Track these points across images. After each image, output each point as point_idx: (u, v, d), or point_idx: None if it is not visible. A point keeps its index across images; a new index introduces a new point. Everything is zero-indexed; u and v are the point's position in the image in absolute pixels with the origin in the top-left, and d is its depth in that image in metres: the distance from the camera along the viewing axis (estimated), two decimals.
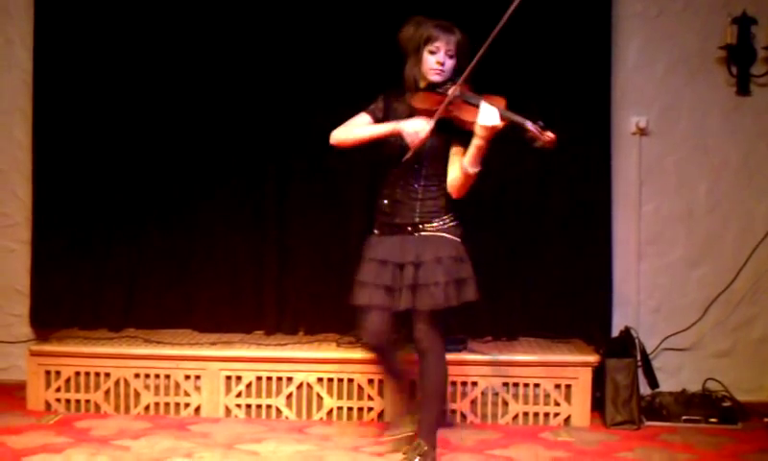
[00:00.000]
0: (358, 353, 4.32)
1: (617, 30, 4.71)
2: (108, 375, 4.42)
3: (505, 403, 4.27)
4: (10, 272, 5.03)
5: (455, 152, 3.56)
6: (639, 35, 4.76)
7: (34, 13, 4.85)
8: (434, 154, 3.57)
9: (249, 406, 4.36)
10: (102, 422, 4.24)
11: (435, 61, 3.56)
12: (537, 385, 4.27)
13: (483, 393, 4.28)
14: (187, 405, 4.39)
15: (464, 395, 4.28)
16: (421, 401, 3.66)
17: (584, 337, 4.59)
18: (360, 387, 4.31)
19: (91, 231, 4.79)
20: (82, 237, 4.78)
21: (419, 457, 3.54)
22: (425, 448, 3.57)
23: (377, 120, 3.68)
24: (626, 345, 4.42)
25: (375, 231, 3.70)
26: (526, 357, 4.32)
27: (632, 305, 4.74)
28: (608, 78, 4.68)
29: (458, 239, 3.59)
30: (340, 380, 4.33)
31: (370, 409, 4.30)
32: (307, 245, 4.73)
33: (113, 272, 4.78)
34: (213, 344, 4.52)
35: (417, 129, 3.48)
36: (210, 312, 4.74)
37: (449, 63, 3.58)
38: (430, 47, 3.57)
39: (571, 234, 4.65)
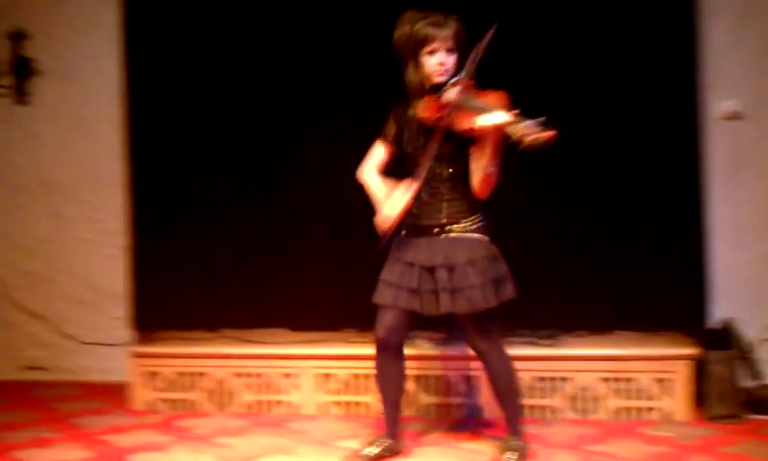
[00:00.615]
0: (452, 350, 4.32)
1: (704, 7, 4.50)
2: (207, 374, 4.53)
3: (602, 399, 4.21)
4: (110, 277, 5.21)
5: (473, 151, 3.43)
6: (729, 12, 4.53)
7: (123, 25, 5.00)
8: (454, 155, 3.45)
9: (344, 404, 4.41)
10: (202, 420, 4.35)
11: (436, 63, 3.43)
12: (635, 379, 4.19)
13: (579, 388, 4.23)
14: (284, 403, 4.46)
15: (560, 391, 4.24)
16: (498, 402, 3.64)
17: (682, 329, 4.48)
18: (451, 384, 4.31)
19: (187, 235, 4.91)
20: (178, 241, 4.90)
21: (517, 454, 3.53)
22: (519, 443, 3.56)
23: (393, 140, 3.61)
24: (726, 336, 4.30)
25: (403, 233, 3.61)
26: (623, 351, 4.24)
27: (731, 296, 4.58)
28: (695, 60, 4.49)
29: (487, 238, 3.51)
30: (434, 377, 4.33)
31: (459, 406, 4.29)
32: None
33: (210, 274, 4.89)
34: (308, 342, 4.58)
35: (381, 219, 3.46)
36: (304, 311, 4.81)
37: (451, 59, 3.45)
38: (428, 49, 3.42)
39: (663, 225, 4.52)
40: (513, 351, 4.22)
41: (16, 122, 5.33)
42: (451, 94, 3.37)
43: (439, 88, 3.45)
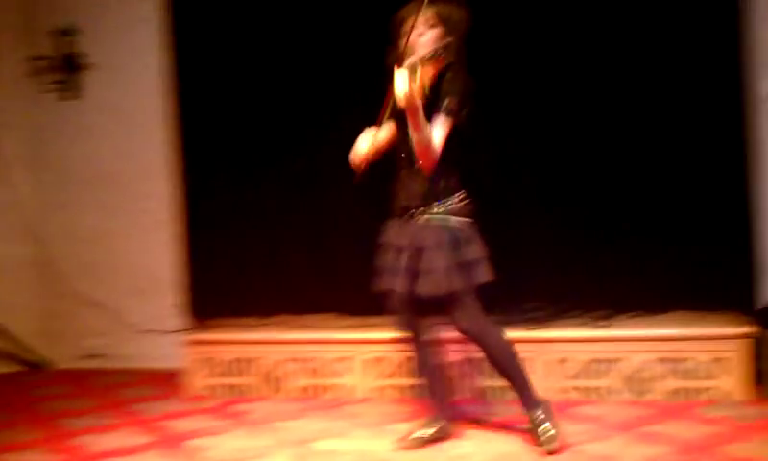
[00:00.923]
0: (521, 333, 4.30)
1: None
2: (261, 359, 4.58)
3: (658, 379, 4.16)
4: (164, 265, 5.29)
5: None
6: None
7: (168, 18, 5.06)
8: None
9: (397, 387, 4.42)
10: (257, 405, 4.40)
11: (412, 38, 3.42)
12: (690, 359, 4.13)
13: (634, 369, 4.18)
14: (337, 387, 4.50)
15: (615, 372, 4.20)
16: (504, 379, 3.63)
17: (736, 308, 4.40)
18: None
19: (238, 223, 4.96)
20: (229, 229, 4.96)
21: (547, 424, 3.51)
22: (540, 413, 3.55)
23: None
24: None
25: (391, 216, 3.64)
26: (678, 331, 4.18)
27: None
28: (739, 33, 4.34)
29: (463, 219, 3.47)
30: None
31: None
32: None
33: (261, 261, 4.94)
34: (361, 326, 4.60)
35: (354, 153, 3.57)
36: (356, 295, 4.82)
37: (430, 35, 3.44)
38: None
39: (714, 204, 4.44)
40: (568, 332, 4.25)
41: (69, 116, 5.44)
42: (407, 62, 3.33)
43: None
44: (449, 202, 3.48)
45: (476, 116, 3.53)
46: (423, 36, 3.45)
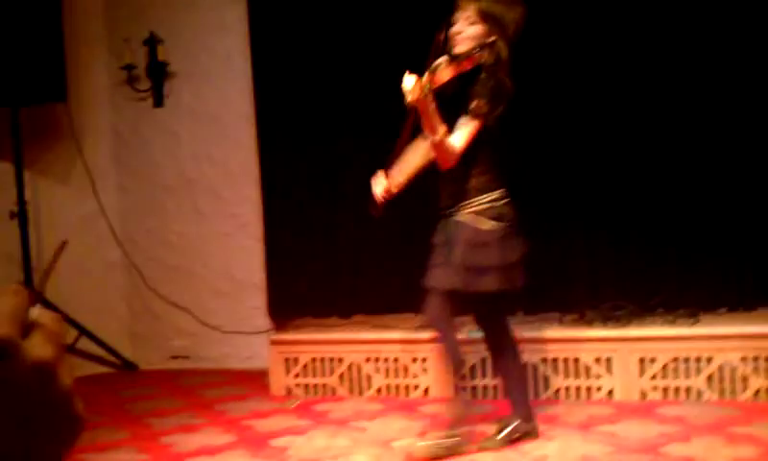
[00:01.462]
0: (582, 332, 4.26)
1: None
2: (341, 359, 4.62)
3: (745, 379, 4.04)
4: (246, 268, 5.38)
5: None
6: None
7: (248, 24, 5.15)
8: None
9: (474, 388, 4.41)
10: (338, 404, 4.44)
11: (451, 32, 3.41)
12: None
13: (720, 368, 4.07)
14: (416, 387, 4.51)
15: (699, 371, 4.10)
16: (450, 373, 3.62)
17: None
18: (587, 366, 4.24)
19: (318, 225, 5.02)
20: (309, 231, 5.01)
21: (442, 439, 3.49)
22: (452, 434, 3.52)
23: None
24: None
25: None
26: (766, 329, 4.06)
27: None
28: None
29: (489, 221, 3.39)
30: (565, 360, 4.28)
31: (598, 388, 4.22)
32: (528, 222, 4.68)
33: (341, 262, 4.98)
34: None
35: (377, 188, 3.58)
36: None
37: (470, 32, 3.38)
38: (454, 17, 3.43)
39: None
40: (651, 331, 4.16)
41: (156, 123, 5.58)
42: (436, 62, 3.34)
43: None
44: (477, 202, 3.44)
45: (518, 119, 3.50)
46: (462, 33, 3.40)
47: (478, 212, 3.43)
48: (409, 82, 3.19)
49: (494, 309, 3.62)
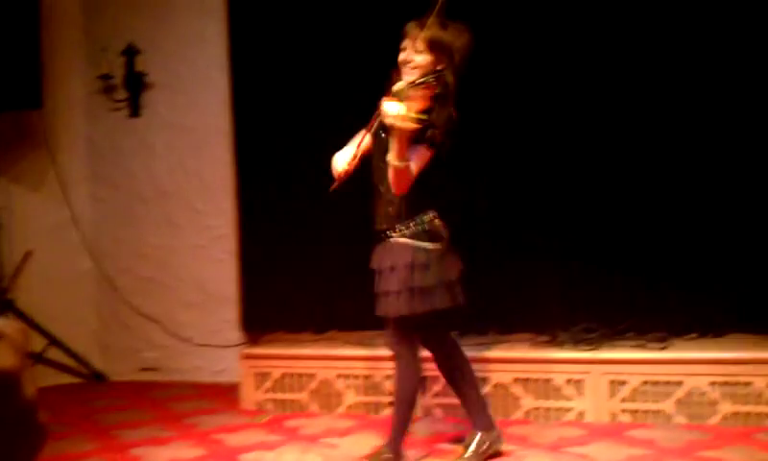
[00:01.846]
0: (554, 353, 4.29)
1: None
2: (313, 375, 4.61)
3: (714, 403, 4.08)
4: (219, 280, 5.36)
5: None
6: None
7: (228, 37, 5.15)
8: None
9: (446, 406, 4.41)
10: (309, 420, 4.43)
11: (400, 58, 3.45)
12: (748, 383, 4.05)
13: (689, 392, 4.11)
14: (389, 404, 4.49)
15: (668, 395, 4.13)
16: (393, 407, 3.63)
17: None
18: (557, 387, 4.26)
19: (293, 239, 5.01)
20: (284, 245, 5.00)
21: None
22: (389, 456, 3.53)
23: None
24: None
25: None
26: (736, 354, 4.10)
27: None
28: None
29: (425, 245, 3.43)
30: (536, 380, 4.29)
31: (569, 410, 4.24)
32: (500, 244, 4.73)
33: (315, 277, 4.97)
34: None
35: (337, 164, 3.55)
36: None
37: (419, 59, 3.40)
38: (402, 45, 3.47)
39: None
40: (622, 354, 4.19)
41: (131, 134, 5.56)
42: (395, 87, 3.33)
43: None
44: (414, 225, 3.47)
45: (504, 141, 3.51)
46: (410, 63, 3.42)
47: (415, 234, 3.46)
48: (393, 107, 3.20)
49: (441, 328, 3.63)
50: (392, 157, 3.32)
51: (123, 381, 5.50)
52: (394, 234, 3.48)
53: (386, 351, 4.49)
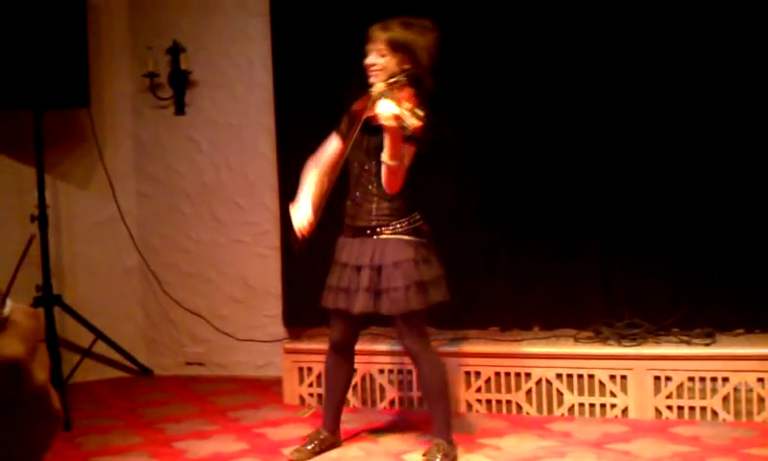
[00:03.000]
0: (597, 349, 4.26)
1: None
2: (355, 370, 4.59)
3: (761, 400, 4.01)
4: (263, 276, 5.40)
5: None
6: None
7: (271, 35, 5.18)
8: (379, 152, 3.44)
9: (489, 402, 4.40)
10: (351, 415, 4.42)
11: (366, 63, 3.52)
12: None
13: (735, 389, 4.04)
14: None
15: (714, 391, 4.07)
16: (426, 402, 3.71)
17: None
18: (601, 383, 4.22)
19: (335, 235, 4.99)
20: (325, 241, 4.97)
21: (440, 456, 3.53)
22: (446, 445, 3.57)
23: (344, 135, 3.64)
24: None
25: (342, 235, 3.67)
26: None
27: None
28: None
29: (419, 240, 3.50)
30: (580, 376, 4.26)
31: (613, 406, 4.20)
32: (544, 240, 4.70)
33: None
34: (451, 340, 4.60)
35: (298, 222, 3.52)
36: (447, 310, 4.82)
37: (383, 62, 3.47)
38: (367, 49, 3.53)
39: None
40: (666, 349, 4.14)
41: (176, 131, 5.61)
42: (375, 88, 3.42)
43: (369, 87, 3.52)
44: (408, 222, 3.54)
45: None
46: (374, 66, 3.51)
47: (412, 231, 3.54)
48: (389, 107, 3.24)
49: (423, 324, 3.65)
50: (387, 157, 3.38)
51: (168, 376, 5.57)
52: (386, 231, 3.53)
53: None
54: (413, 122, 3.20)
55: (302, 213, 3.56)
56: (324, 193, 3.57)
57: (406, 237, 3.54)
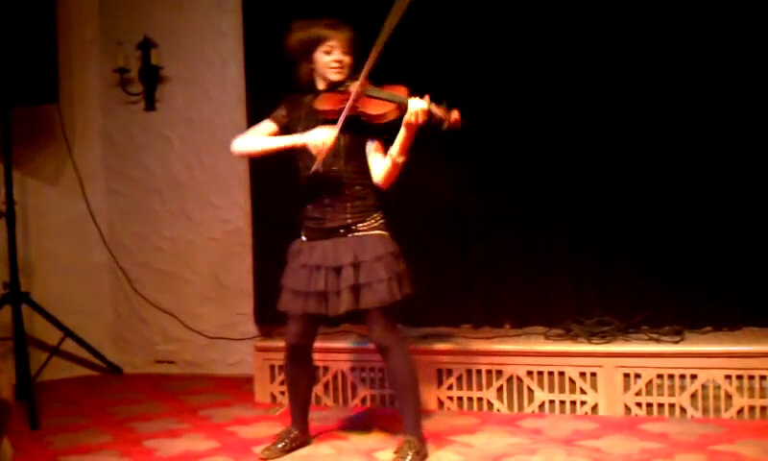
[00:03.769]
0: (568, 346, 4.29)
1: None
2: (326, 368, 4.61)
3: (728, 397, 4.06)
4: (234, 273, 5.38)
5: (373, 147, 3.56)
6: None
7: (243, 31, 5.16)
8: (352, 152, 3.53)
9: (460, 399, 4.41)
10: (323, 413, 4.42)
11: (333, 61, 3.55)
12: (763, 377, 4.02)
13: (703, 386, 4.09)
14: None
15: (683, 388, 4.11)
16: (397, 398, 3.71)
17: None
18: (571, 380, 4.25)
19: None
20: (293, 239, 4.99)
21: (412, 453, 3.55)
22: (416, 442, 3.59)
23: (282, 127, 3.70)
24: None
25: (303, 238, 3.70)
26: (751, 348, 4.08)
27: None
28: None
29: (391, 234, 3.59)
30: (550, 373, 4.29)
31: (583, 403, 4.23)
32: (515, 238, 4.72)
33: None
34: (423, 338, 4.61)
35: (322, 139, 3.47)
36: (419, 307, 4.83)
37: (347, 60, 3.56)
38: (324, 47, 3.57)
39: None
40: (636, 347, 4.18)
41: (147, 127, 5.57)
42: (354, 86, 3.46)
43: (334, 87, 3.57)
44: (381, 216, 3.62)
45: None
46: (341, 62, 3.60)
47: (386, 225, 3.61)
48: (420, 103, 3.36)
49: (397, 318, 3.70)
50: (397, 154, 3.44)
51: (138, 374, 5.53)
52: (362, 228, 3.57)
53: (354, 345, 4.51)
54: (447, 115, 3.31)
55: (321, 134, 3.50)
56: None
57: (382, 232, 3.59)
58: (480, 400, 4.38)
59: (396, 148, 3.45)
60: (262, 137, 3.75)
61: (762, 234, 4.37)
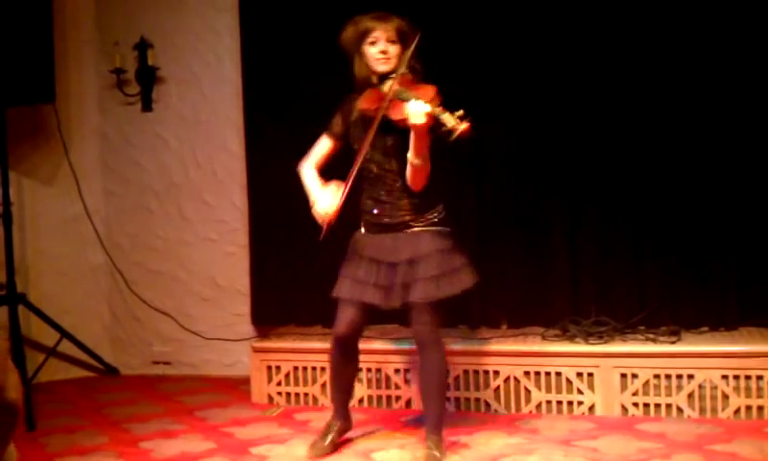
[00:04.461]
0: (565, 347, 4.29)
1: None
2: (323, 369, 4.60)
3: (725, 397, 4.06)
4: (231, 274, 5.37)
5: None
6: None
7: (240, 31, 5.15)
8: (400, 151, 3.49)
9: (458, 399, 4.41)
10: (320, 414, 4.42)
11: (378, 51, 3.53)
12: (760, 377, 4.02)
13: (700, 386, 4.09)
14: (398, 398, 4.50)
15: (680, 388, 4.11)
16: (425, 395, 3.66)
17: None
18: (568, 380, 4.25)
19: (304, 233, 4.99)
20: (295, 239, 4.99)
21: (439, 452, 3.55)
22: (438, 441, 3.60)
23: (339, 137, 3.71)
24: None
25: (363, 230, 3.70)
26: (748, 348, 4.08)
27: None
28: None
29: (448, 230, 3.59)
30: (547, 374, 4.28)
31: (580, 403, 4.23)
32: (512, 239, 4.72)
33: (326, 271, 4.94)
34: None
35: (325, 209, 3.54)
36: None
37: (393, 49, 3.53)
38: (370, 38, 3.55)
39: None
40: (633, 347, 4.18)
41: (143, 128, 5.57)
42: (387, 86, 3.45)
43: (383, 80, 3.54)
44: (437, 213, 3.61)
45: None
46: (387, 54, 3.56)
47: (440, 221, 3.60)
48: (420, 107, 3.29)
49: (442, 315, 3.66)
50: (412, 156, 3.42)
51: (134, 375, 5.53)
52: (419, 224, 3.57)
53: (395, 345, 4.51)
54: (455, 124, 3.22)
55: (324, 203, 3.59)
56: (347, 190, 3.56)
57: (439, 228, 3.59)
58: (477, 400, 4.38)
59: (410, 150, 3.43)
60: (307, 170, 3.80)
61: (759, 235, 4.37)
